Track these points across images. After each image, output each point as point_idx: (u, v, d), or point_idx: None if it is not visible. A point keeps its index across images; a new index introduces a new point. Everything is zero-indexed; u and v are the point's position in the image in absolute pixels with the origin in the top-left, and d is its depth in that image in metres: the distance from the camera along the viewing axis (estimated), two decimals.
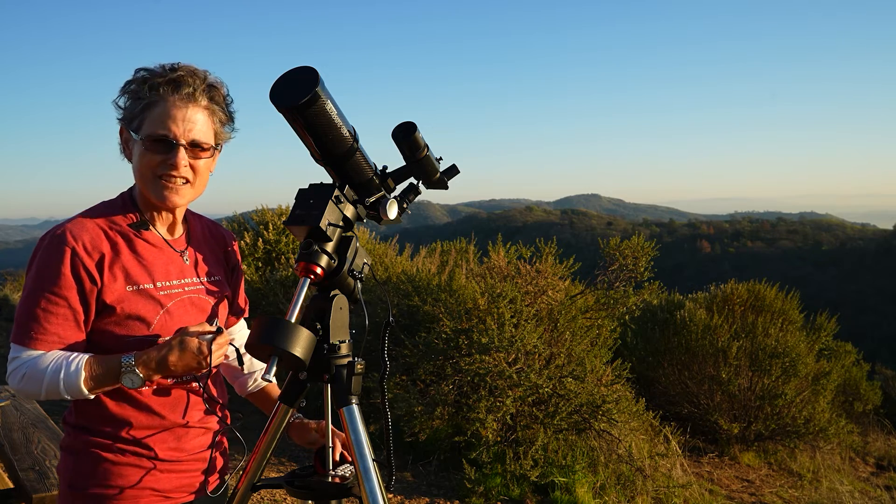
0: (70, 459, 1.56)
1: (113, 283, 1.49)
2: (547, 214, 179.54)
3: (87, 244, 1.48)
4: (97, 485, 1.53)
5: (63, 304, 1.46)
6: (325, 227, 1.61)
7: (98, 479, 1.52)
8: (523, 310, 4.74)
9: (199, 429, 1.66)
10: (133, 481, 1.54)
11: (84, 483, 1.53)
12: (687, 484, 4.81)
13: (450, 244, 7.45)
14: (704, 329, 6.61)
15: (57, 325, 1.46)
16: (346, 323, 1.74)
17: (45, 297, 1.45)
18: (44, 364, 1.44)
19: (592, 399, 4.55)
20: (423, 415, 4.46)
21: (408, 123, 1.75)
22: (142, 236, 1.57)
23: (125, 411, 1.54)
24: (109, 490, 1.52)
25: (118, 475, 1.53)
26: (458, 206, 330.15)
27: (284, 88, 1.53)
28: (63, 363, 1.44)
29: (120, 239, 1.54)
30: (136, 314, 1.51)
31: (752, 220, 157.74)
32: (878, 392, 9.86)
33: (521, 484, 4.38)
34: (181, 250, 1.64)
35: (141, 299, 1.52)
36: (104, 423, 1.53)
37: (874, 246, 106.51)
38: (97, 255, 1.48)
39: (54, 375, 1.43)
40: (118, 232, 1.54)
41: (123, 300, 1.50)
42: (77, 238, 1.47)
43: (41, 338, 1.46)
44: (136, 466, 1.54)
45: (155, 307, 1.54)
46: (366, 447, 1.62)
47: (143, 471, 1.55)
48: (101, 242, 1.50)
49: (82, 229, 1.50)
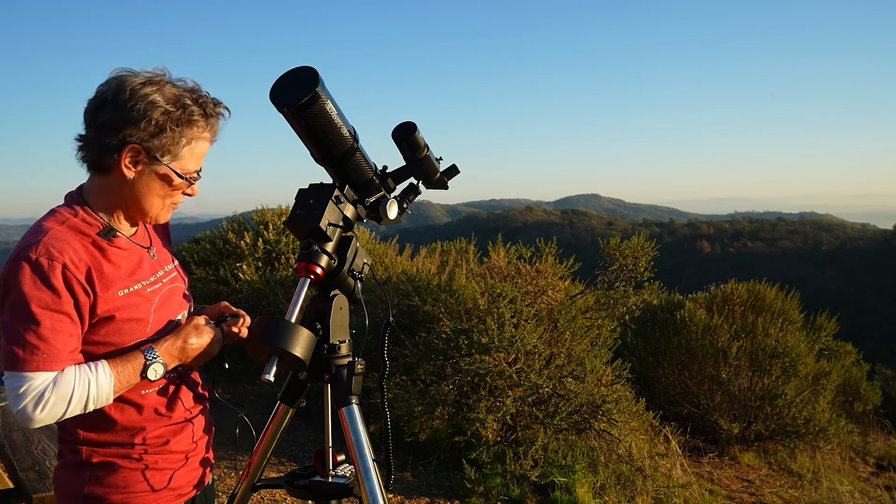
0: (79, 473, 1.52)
1: (105, 293, 1.45)
2: (547, 214, 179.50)
3: (74, 257, 1.42)
4: (117, 493, 1.52)
5: (66, 320, 1.40)
6: (325, 227, 1.61)
7: (117, 488, 1.52)
8: (523, 310, 4.74)
9: (197, 418, 1.68)
10: (153, 484, 1.55)
11: (103, 494, 1.51)
12: (687, 484, 4.81)
13: (450, 244, 7.45)
14: (704, 329, 6.61)
15: (65, 342, 1.40)
16: (346, 323, 1.74)
17: (48, 315, 1.38)
18: (68, 383, 1.38)
19: (592, 399, 4.55)
20: (423, 415, 4.46)
21: (408, 123, 1.75)
22: (113, 244, 1.52)
23: (132, 417, 1.53)
24: (130, 495, 1.52)
25: (136, 480, 1.53)
26: (458, 206, 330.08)
27: (284, 88, 1.53)
28: (89, 376, 1.41)
29: (95, 249, 1.48)
30: (133, 317, 1.50)
31: (752, 220, 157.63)
32: (878, 392, 9.86)
33: (521, 484, 4.38)
34: (147, 246, 1.63)
35: (134, 301, 1.51)
36: (116, 433, 1.52)
37: (874, 246, 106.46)
38: (84, 267, 1.43)
39: (84, 390, 1.39)
40: (91, 242, 1.48)
41: (120, 307, 1.48)
42: (63, 252, 1.40)
43: (54, 357, 1.38)
44: (154, 468, 1.55)
45: (146, 306, 1.54)
46: (366, 447, 1.62)
47: (160, 472, 1.56)
48: (84, 254, 1.44)
49: (63, 243, 1.42)
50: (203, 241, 8.74)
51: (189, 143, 1.49)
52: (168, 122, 1.45)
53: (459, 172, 1.90)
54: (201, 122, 1.50)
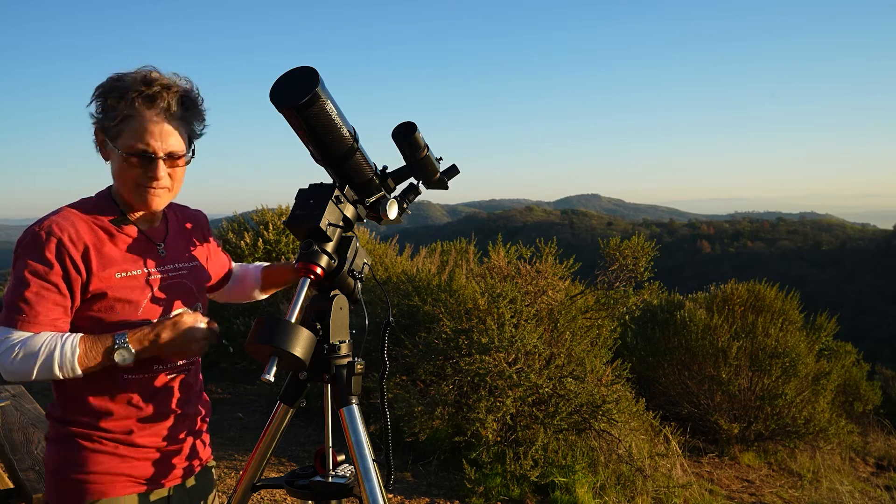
0: (54, 449, 1.63)
1: (101, 272, 1.55)
2: (547, 214, 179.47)
3: (73, 235, 1.53)
4: (76, 471, 1.59)
5: (53, 289, 1.51)
6: (325, 227, 1.61)
7: (77, 466, 1.59)
8: (523, 310, 4.74)
9: (177, 416, 1.70)
10: (109, 468, 1.60)
11: (65, 469, 1.60)
12: (687, 484, 4.81)
13: (450, 244, 7.45)
14: (704, 329, 6.61)
15: (48, 308, 1.51)
16: (346, 323, 1.74)
17: (36, 282, 1.50)
18: (37, 344, 1.48)
19: (592, 399, 4.55)
20: (423, 415, 4.46)
21: (408, 123, 1.75)
22: (122, 231, 1.62)
23: (104, 403, 1.60)
24: (86, 475, 1.59)
25: (95, 462, 1.59)
26: (458, 206, 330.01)
27: (284, 89, 1.53)
28: (57, 342, 1.49)
29: (102, 233, 1.59)
30: (125, 298, 1.57)
31: (752, 220, 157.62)
32: (878, 392, 9.87)
33: (521, 484, 4.38)
34: (159, 242, 1.70)
35: (129, 284, 1.59)
36: (84, 414, 1.60)
37: (874, 246, 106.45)
38: (82, 245, 1.54)
39: (49, 354, 1.48)
40: (100, 226, 1.60)
41: (113, 286, 1.56)
42: (63, 229, 1.53)
43: (32, 320, 1.50)
44: (113, 454, 1.60)
45: (143, 291, 1.61)
46: (366, 447, 1.62)
47: (119, 458, 1.61)
48: (86, 234, 1.56)
49: (67, 221, 1.55)
50: None
51: (125, 121, 1.54)
52: (109, 101, 1.55)
53: (459, 172, 1.90)
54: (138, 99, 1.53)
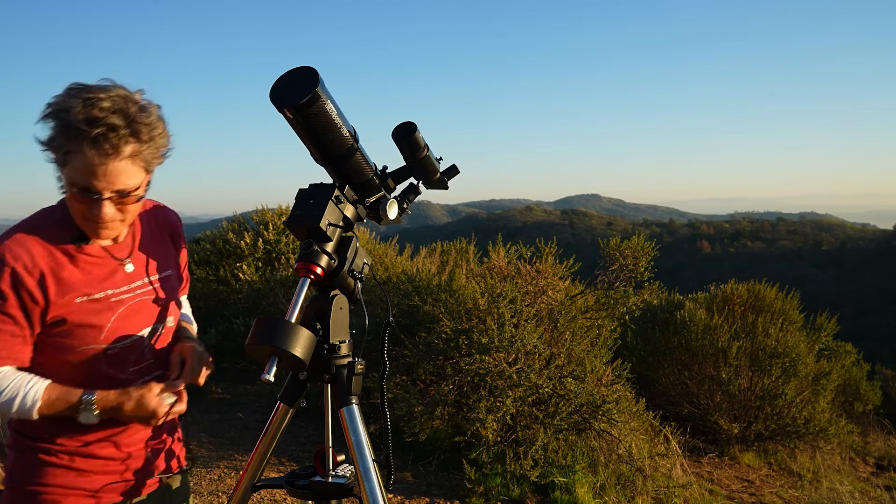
0: (13, 457, 1.61)
1: (60, 299, 1.49)
2: (547, 214, 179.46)
3: (28, 263, 1.46)
4: (31, 482, 1.57)
5: (10, 321, 1.47)
6: (325, 227, 1.61)
7: (32, 477, 1.57)
8: (523, 310, 4.74)
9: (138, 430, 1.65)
10: (65, 482, 1.57)
11: (20, 479, 1.58)
12: (687, 484, 4.81)
13: (450, 244, 7.45)
14: (704, 329, 6.61)
15: (5, 341, 1.48)
16: (346, 323, 1.74)
17: None
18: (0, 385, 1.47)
19: (592, 399, 4.55)
20: (423, 415, 4.46)
21: (408, 123, 1.75)
22: (83, 251, 1.55)
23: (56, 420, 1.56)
24: (40, 487, 1.57)
25: (51, 474, 1.57)
26: (458, 206, 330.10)
27: (284, 89, 1.53)
28: (20, 389, 1.48)
29: (60, 255, 1.51)
30: (87, 323, 1.53)
31: (752, 220, 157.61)
32: (878, 392, 9.86)
33: (521, 484, 4.38)
34: (123, 258, 1.62)
35: (91, 308, 1.53)
36: (41, 427, 1.56)
37: (874, 246, 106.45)
38: (38, 272, 1.47)
39: (10, 399, 1.47)
40: (58, 247, 1.52)
41: (73, 311, 1.51)
42: (17, 258, 1.46)
43: None
44: (68, 468, 1.58)
45: (106, 314, 1.56)
46: (366, 447, 1.62)
47: (76, 472, 1.58)
48: (42, 260, 1.48)
49: (21, 248, 1.47)
50: (203, 241, 8.74)
51: (68, 155, 1.42)
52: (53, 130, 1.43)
53: (459, 172, 1.90)
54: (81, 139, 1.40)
